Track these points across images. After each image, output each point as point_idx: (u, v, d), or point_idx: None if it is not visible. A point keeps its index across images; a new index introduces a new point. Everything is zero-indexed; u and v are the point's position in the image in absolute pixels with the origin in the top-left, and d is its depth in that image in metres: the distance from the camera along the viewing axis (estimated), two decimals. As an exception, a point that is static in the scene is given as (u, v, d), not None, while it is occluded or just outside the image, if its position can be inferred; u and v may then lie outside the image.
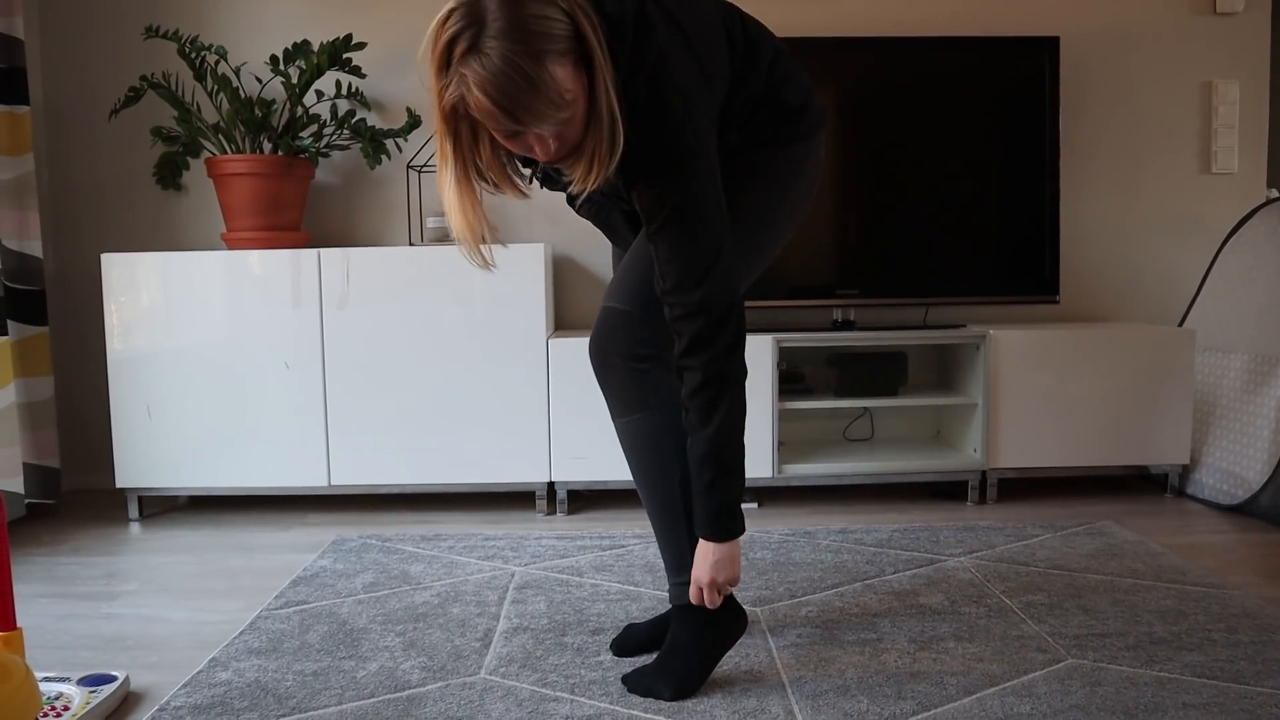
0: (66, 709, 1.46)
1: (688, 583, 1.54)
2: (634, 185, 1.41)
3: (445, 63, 1.26)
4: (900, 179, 2.85)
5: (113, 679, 1.56)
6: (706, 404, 1.42)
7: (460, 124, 1.35)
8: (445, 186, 1.39)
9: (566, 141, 1.34)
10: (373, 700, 1.53)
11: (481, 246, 1.44)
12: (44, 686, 1.53)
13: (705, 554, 1.48)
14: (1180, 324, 3.07)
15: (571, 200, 1.69)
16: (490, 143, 1.39)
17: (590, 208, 1.71)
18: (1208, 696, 1.51)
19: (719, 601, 1.51)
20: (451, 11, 1.25)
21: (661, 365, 1.53)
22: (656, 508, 1.55)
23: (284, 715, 1.48)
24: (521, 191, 1.48)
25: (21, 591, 2.13)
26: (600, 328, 1.55)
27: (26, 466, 2.71)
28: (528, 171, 1.53)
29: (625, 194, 1.46)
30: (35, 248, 2.77)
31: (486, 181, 1.44)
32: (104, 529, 2.65)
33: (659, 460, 1.52)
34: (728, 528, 1.47)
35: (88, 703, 1.48)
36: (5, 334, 2.59)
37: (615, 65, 1.32)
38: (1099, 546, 2.29)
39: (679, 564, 1.55)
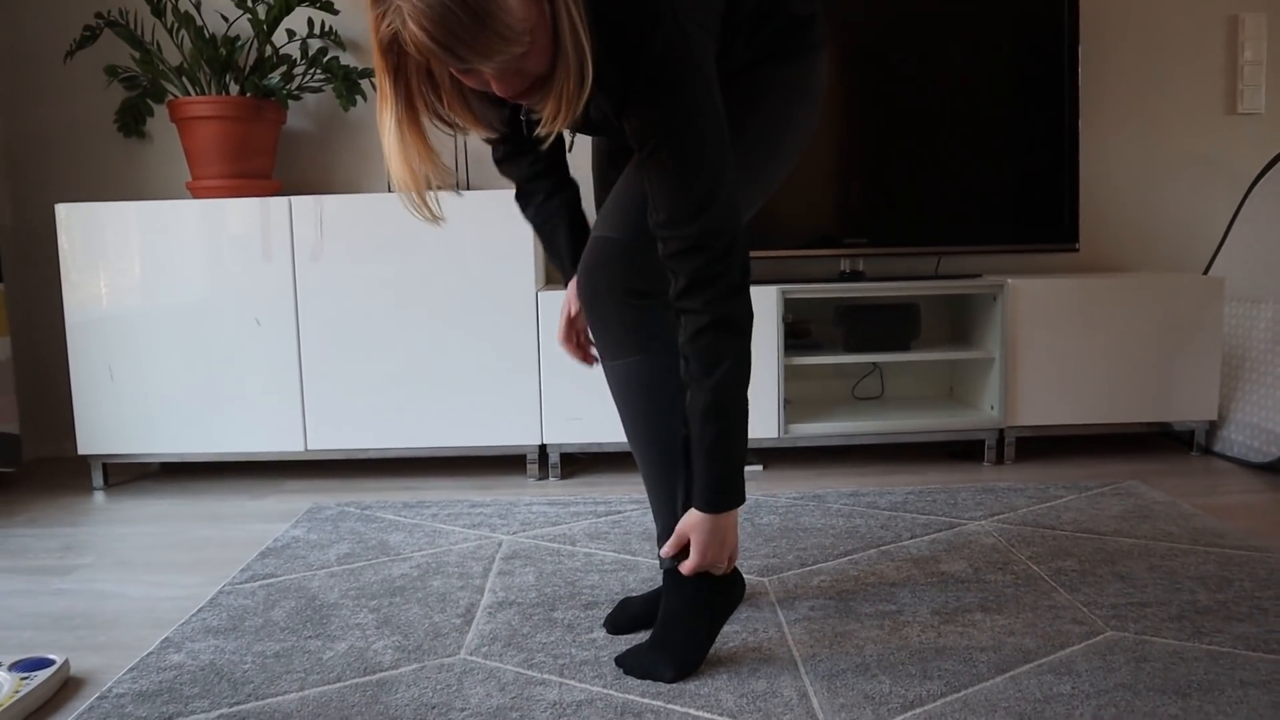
0: (-6, 698, 1.31)
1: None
2: (624, 111, 1.23)
3: None
4: (911, 120, 2.67)
5: (49, 663, 1.40)
6: (709, 351, 1.25)
7: (403, 58, 1.15)
8: (385, 130, 1.19)
9: (528, 75, 1.15)
10: (338, 685, 1.37)
11: (429, 196, 1.24)
12: (-27, 673, 1.38)
13: (698, 526, 1.33)
14: (1205, 272, 2.90)
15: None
16: (450, 76, 1.21)
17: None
18: (1267, 672, 1.35)
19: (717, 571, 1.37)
20: None
21: (662, 302, 1.36)
22: (651, 464, 1.39)
23: (238, 703, 1.33)
24: (492, 128, 1.29)
25: (-32, 566, 1.98)
26: (591, 259, 1.37)
27: (-18, 433, 2.54)
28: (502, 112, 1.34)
29: (616, 122, 1.28)
30: (-13, 199, 2.58)
31: (445, 121, 1.24)
32: (66, 498, 2.49)
33: (657, 410, 1.36)
34: (728, 498, 1.31)
35: (17, 690, 1.32)
36: (-46, 291, 2.41)
37: None
38: (1128, 508, 2.14)
39: (674, 528, 1.39)
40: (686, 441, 1.34)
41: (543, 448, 2.58)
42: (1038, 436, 2.86)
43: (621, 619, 1.54)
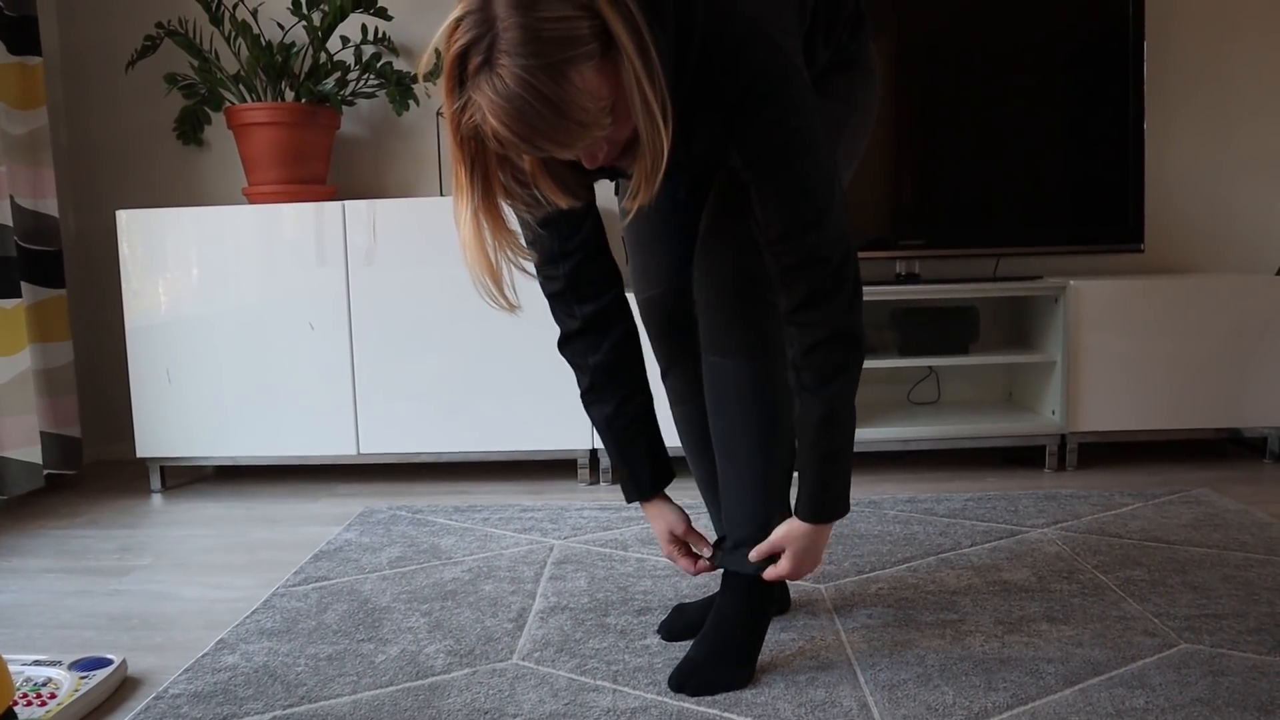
0: (53, 696, 1.32)
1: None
2: (731, 136, 1.20)
3: (459, 80, 1.04)
4: (968, 117, 2.61)
5: (107, 663, 1.41)
6: (828, 363, 1.24)
7: (480, 149, 1.12)
8: (461, 221, 1.16)
9: (618, 142, 1.13)
10: (391, 689, 1.36)
11: (505, 286, 1.21)
12: (32, 671, 1.39)
13: (799, 536, 1.31)
14: (1277, 274, 2.80)
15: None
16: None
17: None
18: (1353, 689, 1.29)
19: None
20: (460, 19, 1.02)
21: (776, 307, 1.34)
22: (763, 469, 1.36)
23: (291, 705, 1.32)
24: (577, 196, 1.23)
25: (29, 566, 2.00)
26: (723, 253, 1.33)
27: (45, 435, 2.59)
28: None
29: (723, 150, 1.25)
30: (51, 206, 2.63)
31: (524, 202, 1.21)
32: (124, 501, 2.52)
33: (776, 417, 1.34)
34: (836, 509, 1.31)
35: (76, 689, 1.33)
36: (18, 296, 2.45)
37: (662, 26, 1.09)
38: (1198, 516, 2.07)
39: (764, 534, 1.37)
40: (792, 453, 1.34)
41: (593, 452, 2.57)
42: (1101, 442, 2.78)
43: (677, 626, 1.51)
